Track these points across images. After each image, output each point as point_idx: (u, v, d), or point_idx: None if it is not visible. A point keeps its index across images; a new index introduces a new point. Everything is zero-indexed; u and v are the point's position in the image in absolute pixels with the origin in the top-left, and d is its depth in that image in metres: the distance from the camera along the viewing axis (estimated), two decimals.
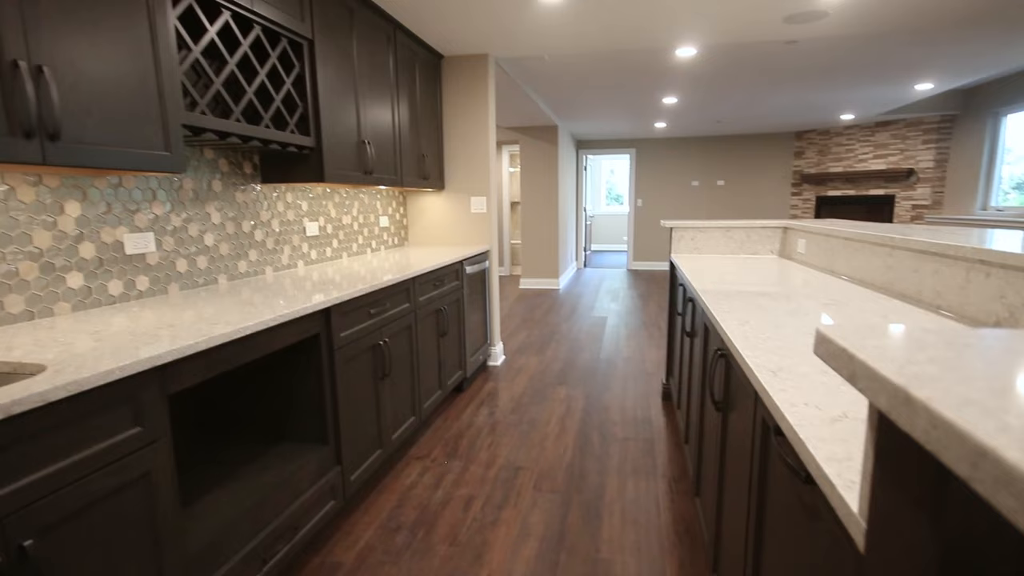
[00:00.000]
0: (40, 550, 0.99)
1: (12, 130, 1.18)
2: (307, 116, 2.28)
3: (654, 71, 4.51)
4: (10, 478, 0.94)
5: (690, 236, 3.24)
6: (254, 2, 1.91)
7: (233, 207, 2.28)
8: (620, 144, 9.43)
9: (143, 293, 1.87)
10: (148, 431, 1.21)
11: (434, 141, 3.71)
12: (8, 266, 1.46)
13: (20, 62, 1.18)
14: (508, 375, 3.90)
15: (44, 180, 1.54)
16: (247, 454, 1.94)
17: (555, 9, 2.90)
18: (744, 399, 1.20)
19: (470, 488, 2.37)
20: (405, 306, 2.56)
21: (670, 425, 3.01)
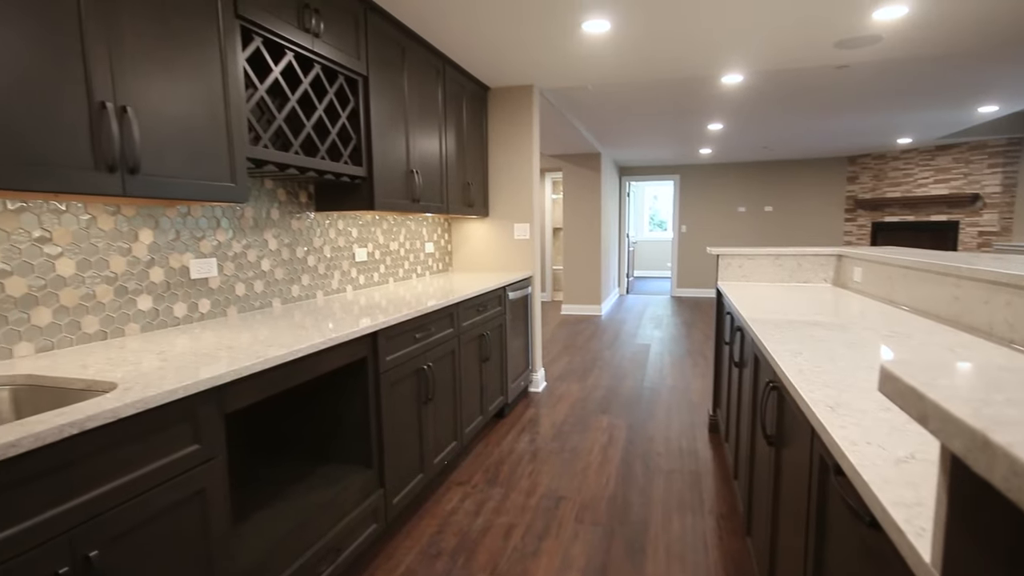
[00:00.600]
0: (104, 561, 1.04)
1: (97, 165, 1.28)
2: (360, 148, 2.38)
3: (699, 98, 4.50)
4: (81, 490, 1.00)
5: (738, 263, 3.16)
6: (315, 43, 2.03)
7: (289, 234, 2.38)
8: (664, 170, 9.37)
9: (204, 315, 1.96)
10: (206, 449, 1.26)
11: (479, 169, 3.80)
12: (87, 289, 1.57)
13: (107, 103, 1.30)
14: (549, 402, 3.87)
15: (122, 210, 1.66)
16: (293, 474, 1.99)
17: (600, 40, 2.95)
18: (799, 435, 1.15)
19: (511, 516, 2.34)
20: (449, 331, 2.59)
21: (717, 458, 2.90)
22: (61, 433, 0.94)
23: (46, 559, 0.94)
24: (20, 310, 1.41)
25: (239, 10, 1.68)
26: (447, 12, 2.56)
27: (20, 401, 1.27)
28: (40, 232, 1.45)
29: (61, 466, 0.96)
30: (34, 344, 1.44)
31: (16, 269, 1.40)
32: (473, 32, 2.81)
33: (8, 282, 1.38)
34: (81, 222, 1.55)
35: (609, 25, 2.73)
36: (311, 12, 2.00)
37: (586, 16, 2.62)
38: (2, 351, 1.37)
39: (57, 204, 1.49)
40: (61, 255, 1.50)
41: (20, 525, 0.90)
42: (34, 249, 1.44)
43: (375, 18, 2.43)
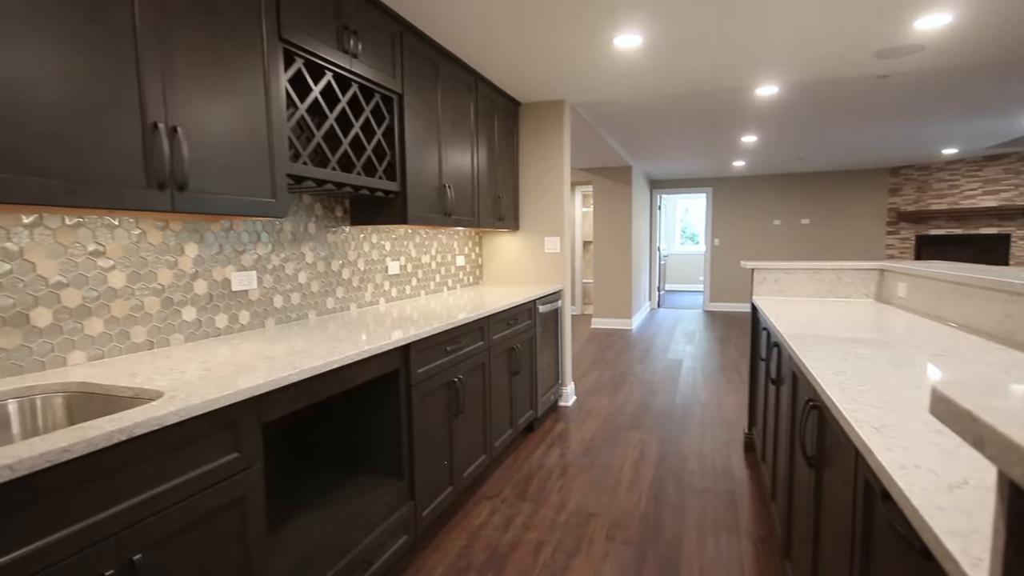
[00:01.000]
0: (147, 564, 1.07)
1: (149, 183, 1.35)
2: (394, 163, 2.43)
3: (732, 110, 4.44)
4: (128, 495, 1.03)
5: (774, 278, 3.09)
6: (353, 63, 2.09)
7: (325, 247, 2.44)
8: (696, 183, 9.26)
9: (244, 327, 2.03)
10: (244, 457, 1.30)
11: (510, 183, 3.83)
12: (136, 300, 1.64)
13: (159, 124, 1.36)
14: (579, 416, 3.83)
15: (170, 225, 1.73)
16: (325, 483, 2.02)
17: (632, 55, 2.96)
18: (842, 456, 1.11)
19: (540, 532, 2.32)
20: (479, 344, 2.61)
21: (754, 478, 2.81)
22: (111, 439, 0.98)
23: (93, 561, 0.97)
24: (74, 320, 1.48)
25: (283, 33, 1.75)
26: (480, 30, 2.61)
27: (73, 407, 1.33)
28: (95, 246, 1.52)
29: (110, 471, 1.00)
30: (86, 353, 1.51)
31: (72, 281, 1.47)
32: (505, 50, 2.85)
33: (64, 293, 1.45)
34: (132, 236, 1.62)
35: (641, 40, 2.73)
36: (350, 33, 2.06)
37: (618, 32, 2.63)
38: (57, 359, 1.44)
39: (111, 219, 1.56)
40: (113, 268, 1.57)
41: (71, 527, 0.94)
42: (89, 262, 1.51)
43: (411, 38, 2.49)
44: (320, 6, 1.92)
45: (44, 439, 0.93)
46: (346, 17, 2.05)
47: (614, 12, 2.41)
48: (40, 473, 0.89)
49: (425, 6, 2.33)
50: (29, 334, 1.38)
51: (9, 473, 0.83)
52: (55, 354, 1.44)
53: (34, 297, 1.39)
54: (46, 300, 1.41)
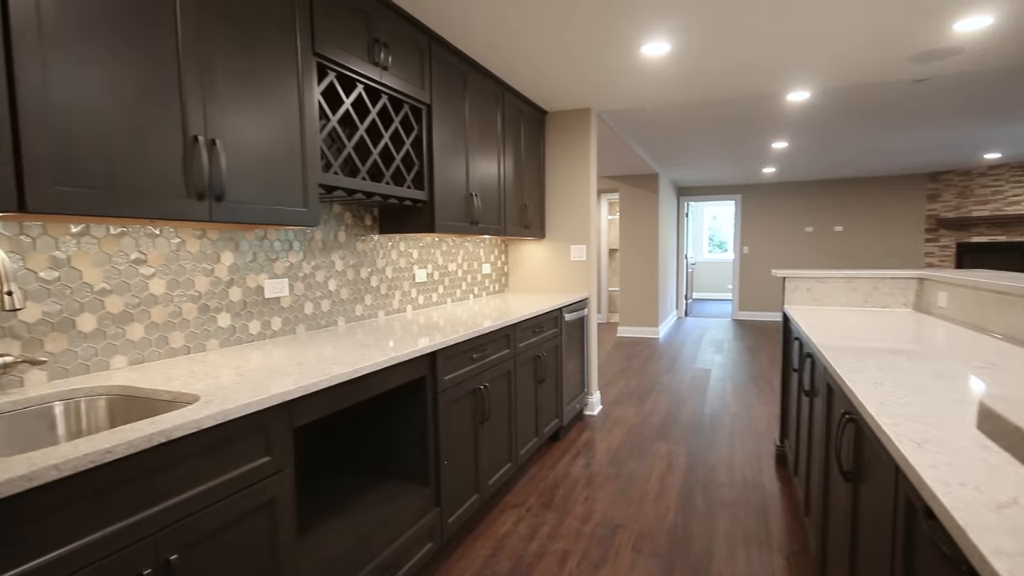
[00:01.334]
0: (183, 565, 1.10)
1: (189, 193, 1.40)
2: (422, 172, 2.47)
3: (762, 116, 4.38)
4: (165, 496, 1.06)
5: (806, 286, 3.02)
6: (383, 75, 2.14)
7: (354, 255, 2.49)
8: (724, 190, 9.13)
9: (276, 333, 2.07)
10: (276, 461, 1.32)
11: (536, 191, 3.83)
12: (175, 307, 1.69)
13: (199, 137, 1.41)
14: (605, 426, 3.79)
15: (207, 234, 1.79)
16: (352, 489, 2.04)
17: (659, 62, 2.94)
18: (881, 472, 1.08)
19: (565, 543, 2.29)
20: (505, 352, 2.61)
21: (786, 492, 2.74)
22: (151, 441, 1.01)
23: (132, 560, 1.00)
24: (117, 326, 1.53)
25: (316, 48, 1.80)
26: (508, 42, 2.63)
27: (115, 410, 1.37)
28: (137, 254, 1.58)
29: (149, 472, 1.03)
30: (128, 357, 1.56)
31: (115, 288, 1.53)
32: (532, 59, 2.87)
33: (108, 300, 1.51)
34: (172, 245, 1.68)
35: (669, 47, 2.72)
36: (380, 46, 2.11)
37: (645, 40, 2.63)
38: (100, 363, 1.50)
39: (153, 229, 1.62)
40: (154, 275, 1.63)
41: (112, 526, 0.97)
42: (131, 270, 1.57)
43: (439, 49, 2.53)
44: (352, 20, 1.97)
45: (88, 440, 0.96)
46: (377, 31, 2.09)
47: (642, 20, 2.41)
48: (84, 473, 0.92)
49: (454, 18, 2.36)
50: (75, 339, 1.44)
51: (55, 473, 0.87)
52: (99, 358, 1.49)
53: (80, 303, 1.45)
54: (91, 306, 1.47)
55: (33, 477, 0.84)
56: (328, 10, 1.86)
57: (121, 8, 1.24)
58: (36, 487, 0.86)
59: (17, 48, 1.06)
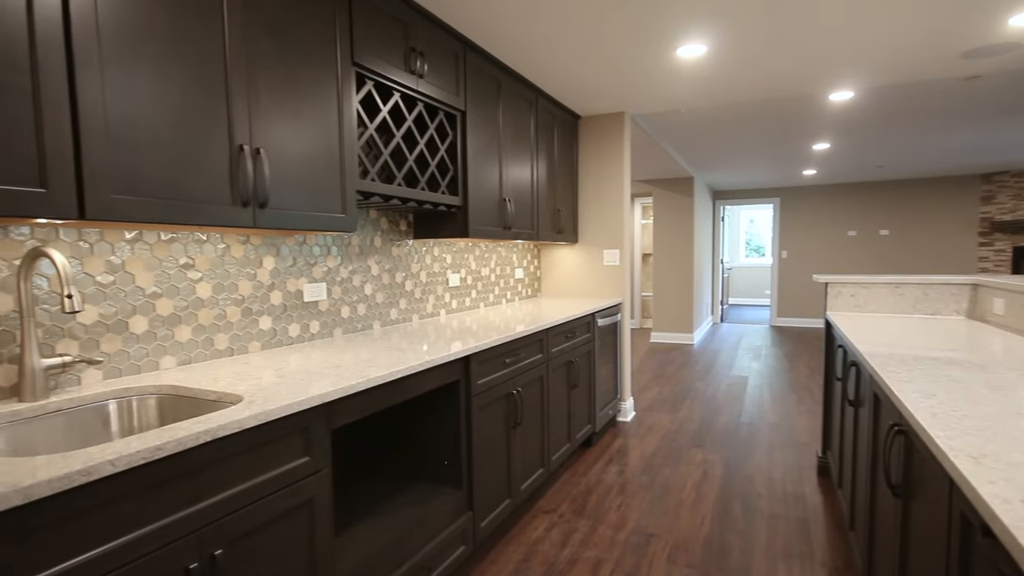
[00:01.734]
0: (226, 560, 1.14)
1: (234, 200, 1.45)
2: (456, 178, 2.49)
3: (803, 117, 4.26)
4: (211, 493, 1.10)
5: (850, 292, 2.91)
6: (419, 83, 2.17)
7: (389, 260, 2.53)
8: (762, 193, 8.91)
9: (314, 336, 2.12)
10: (315, 461, 1.35)
11: (569, 196, 3.83)
12: (220, 310, 1.75)
13: (244, 146, 1.46)
14: (638, 432, 3.74)
15: (251, 239, 1.85)
16: (386, 490, 2.06)
17: (695, 64, 2.90)
18: (933, 487, 1.03)
19: (599, 551, 2.27)
20: (538, 356, 2.60)
21: (829, 505, 2.64)
22: (198, 440, 1.05)
23: (180, 555, 1.04)
24: (166, 328, 1.60)
25: (355, 58, 1.84)
26: (542, 47, 2.64)
27: (164, 408, 1.43)
28: (185, 259, 1.65)
29: (196, 470, 1.07)
30: (176, 358, 1.63)
31: (165, 292, 1.59)
32: (567, 64, 2.87)
33: (159, 303, 1.58)
34: (218, 250, 1.74)
35: (705, 48, 2.68)
36: (416, 55, 2.15)
37: (681, 42, 2.59)
38: (150, 363, 1.56)
39: (200, 235, 1.69)
40: (201, 279, 1.69)
41: (161, 521, 1.01)
42: (180, 274, 1.63)
43: (473, 56, 2.56)
44: (390, 30, 2.01)
45: (140, 437, 1.00)
46: (414, 39, 2.13)
47: (678, 23, 2.38)
48: (136, 469, 0.96)
49: (488, 26, 2.39)
50: (128, 340, 1.50)
51: (110, 468, 0.91)
52: (149, 359, 1.56)
53: (133, 306, 1.52)
54: (143, 309, 1.54)
55: (90, 472, 0.88)
56: (367, 20, 1.90)
57: (171, 25, 1.30)
58: (92, 481, 0.90)
59: (79, 66, 1.12)
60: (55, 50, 1.09)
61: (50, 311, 1.34)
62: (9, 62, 1.03)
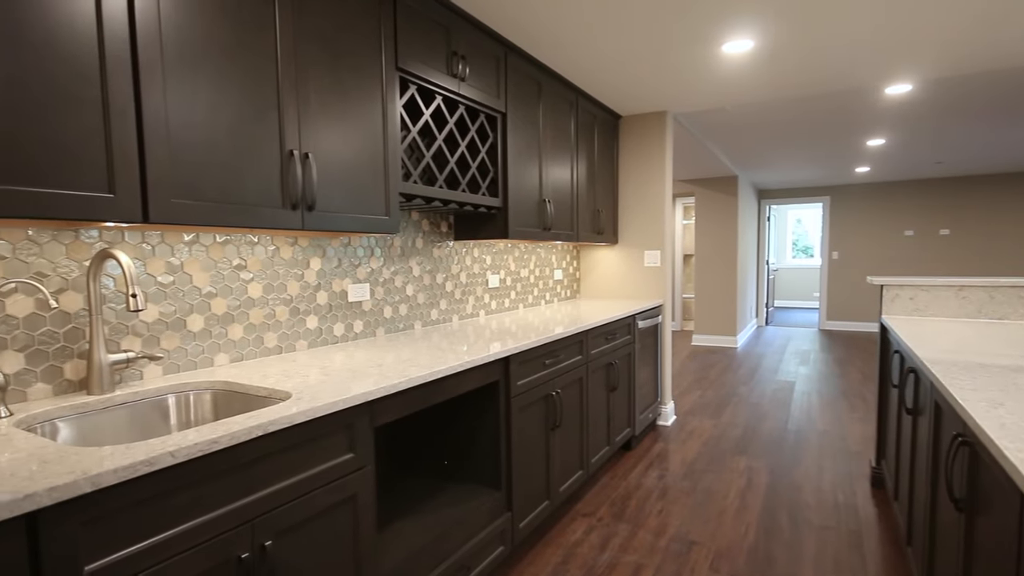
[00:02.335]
0: (275, 551, 1.18)
1: (284, 204, 1.50)
2: (497, 180, 2.51)
3: (856, 112, 4.09)
4: (262, 485, 1.14)
5: (908, 295, 2.78)
6: (461, 86, 2.20)
7: (430, 261, 2.56)
8: (811, 192, 8.59)
9: (358, 335, 2.17)
10: (359, 457, 1.38)
11: (609, 196, 3.79)
12: (270, 309, 1.82)
13: (294, 151, 1.51)
14: (679, 437, 3.66)
15: (299, 241, 1.91)
16: (425, 490, 2.09)
17: (742, 60, 2.83)
18: (1002, 501, 0.97)
19: (639, 556, 2.24)
20: (577, 358, 2.59)
21: (883, 518, 2.52)
22: (250, 434, 1.09)
23: (233, 544, 1.08)
24: (221, 326, 1.67)
25: (399, 63, 1.88)
26: (584, 47, 2.62)
27: (218, 403, 1.50)
28: (238, 260, 1.72)
29: (248, 463, 1.11)
30: (229, 355, 1.70)
31: (220, 292, 1.67)
32: (608, 64, 2.85)
33: (214, 302, 1.65)
34: (268, 252, 1.81)
35: (752, 44, 2.61)
36: (458, 58, 2.17)
37: (726, 38, 2.53)
38: (206, 360, 1.64)
39: (252, 237, 1.75)
40: (252, 280, 1.76)
41: (217, 511, 1.05)
42: (233, 275, 1.70)
43: (514, 58, 2.57)
44: (433, 34, 2.04)
45: (197, 431, 1.05)
46: (456, 43, 2.16)
47: (723, 18, 2.33)
48: (194, 461, 1.01)
49: (530, 28, 2.39)
50: (186, 337, 1.58)
51: (171, 459, 0.96)
52: (205, 355, 1.63)
53: (190, 305, 1.59)
54: (199, 308, 1.61)
55: (152, 462, 0.93)
56: (411, 26, 1.94)
57: (228, 37, 1.35)
58: (154, 471, 0.95)
59: (144, 79, 1.18)
60: (122, 64, 1.15)
61: (115, 309, 1.42)
62: (82, 76, 1.09)
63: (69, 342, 1.34)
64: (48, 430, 1.21)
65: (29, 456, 0.92)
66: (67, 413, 1.25)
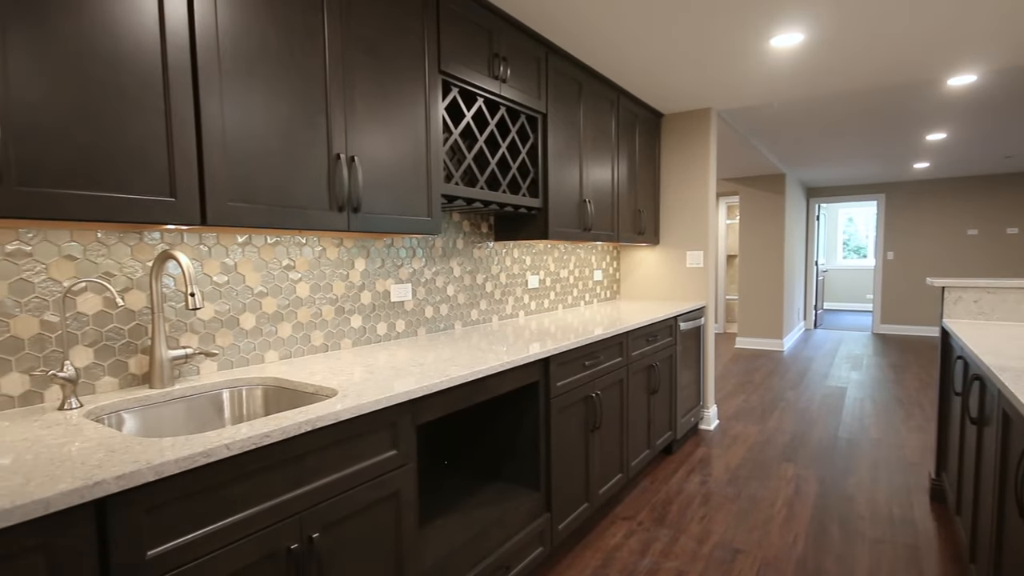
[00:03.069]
0: (322, 544, 1.21)
1: (331, 206, 1.54)
2: (537, 180, 2.51)
3: (915, 105, 3.89)
4: (310, 479, 1.18)
5: (972, 297, 2.62)
6: (502, 88, 2.21)
7: (471, 262, 2.59)
8: (864, 189, 8.22)
9: (400, 335, 2.21)
10: (401, 455, 1.41)
11: (650, 196, 3.73)
12: (316, 308, 1.87)
13: (341, 154, 1.56)
14: (723, 442, 3.57)
15: (344, 242, 1.97)
16: (464, 487, 2.11)
17: (791, 54, 2.73)
18: None
19: (680, 562, 2.19)
20: (618, 360, 2.56)
21: (944, 533, 2.39)
22: (300, 429, 1.13)
23: (282, 535, 1.12)
24: (271, 324, 1.73)
25: (442, 66, 1.90)
26: (626, 46, 2.59)
27: (268, 398, 1.55)
28: (288, 261, 1.78)
29: (297, 457, 1.15)
30: (278, 352, 1.76)
31: (270, 291, 1.73)
32: (651, 62, 2.80)
33: (264, 301, 1.71)
34: (315, 253, 1.86)
35: (803, 36, 2.52)
36: (500, 60, 2.18)
37: (775, 32, 2.45)
38: (257, 357, 1.70)
39: (300, 238, 1.81)
40: (300, 280, 1.82)
41: (268, 503, 1.09)
42: (283, 275, 1.76)
43: (555, 59, 2.56)
44: (475, 37, 2.06)
45: (249, 425, 1.09)
46: (497, 45, 2.17)
47: (771, 11, 2.25)
48: (247, 453, 1.05)
49: (572, 28, 2.38)
50: (239, 335, 1.65)
51: (226, 451, 1.00)
52: (256, 352, 1.69)
53: (243, 304, 1.66)
54: (251, 306, 1.68)
55: (209, 454, 0.97)
56: (454, 29, 1.96)
57: (280, 45, 1.40)
58: (211, 463, 0.99)
59: (203, 87, 1.24)
60: (183, 74, 1.21)
61: (175, 308, 1.49)
62: (147, 84, 1.16)
63: (133, 338, 1.42)
64: (114, 421, 1.29)
65: (98, 445, 0.98)
66: (131, 405, 1.32)
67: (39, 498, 0.76)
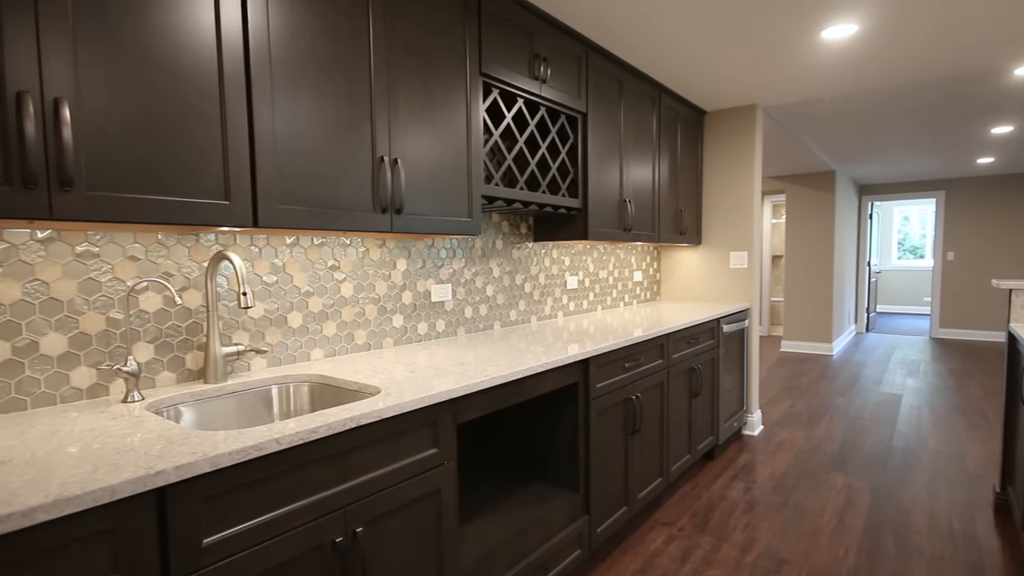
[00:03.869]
0: (366, 538, 1.24)
1: (375, 207, 1.58)
2: (576, 181, 2.49)
3: (978, 97, 3.67)
4: (354, 474, 1.21)
5: None
6: (542, 88, 2.21)
7: (510, 263, 2.59)
8: (921, 186, 7.82)
9: (440, 334, 2.24)
10: (442, 453, 1.43)
11: (692, 196, 3.65)
12: (360, 308, 1.92)
13: (384, 157, 1.59)
14: (767, 448, 3.46)
15: (386, 243, 2.00)
16: (502, 487, 2.12)
17: (843, 46, 2.63)
18: None
19: (722, 570, 2.14)
20: (658, 362, 2.52)
21: (1010, 551, 2.25)
22: (344, 425, 1.15)
23: (328, 528, 1.15)
24: (317, 323, 1.78)
25: (483, 68, 1.92)
26: (668, 43, 2.55)
27: (314, 395, 1.60)
28: (332, 261, 1.83)
29: (342, 453, 1.18)
30: (323, 351, 1.81)
31: (316, 291, 1.78)
32: (694, 58, 2.75)
33: (310, 301, 1.76)
34: (359, 253, 1.91)
35: (857, 27, 2.41)
36: (540, 60, 2.18)
37: (827, 23, 2.36)
38: (303, 355, 1.75)
39: (344, 239, 1.86)
40: (344, 280, 1.87)
41: (315, 496, 1.13)
42: (328, 275, 1.81)
43: (595, 57, 2.54)
44: (516, 38, 2.07)
45: (296, 420, 1.13)
46: (538, 46, 2.17)
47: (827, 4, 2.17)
48: (295, 448, 1.09)
49: (613, 27, 2.35)
50: (286, 333, 1.70)
51: (276, 445, 1.03)
52: (303, 350, 1.75)
53: (291, 303, 1.71)
54: (299, 305, 1.73)
55: (260, 447, 1.01)
56: (494, 31, 1.97)
57: (327, 51, 1.44)
58: (262, 456, 1.03)
59: (255, 94, 1.29)
60: (237, 81, 1.26)
61: (228, 306, 1.56)
62: (205, 93, 1.21)
63: (190, 335, 1.48)
64: (173, 414, 1.35)
65: (158, 437, 1.03)
66: (188, 399, 1.39)
67: (106, 485, 0.81)
